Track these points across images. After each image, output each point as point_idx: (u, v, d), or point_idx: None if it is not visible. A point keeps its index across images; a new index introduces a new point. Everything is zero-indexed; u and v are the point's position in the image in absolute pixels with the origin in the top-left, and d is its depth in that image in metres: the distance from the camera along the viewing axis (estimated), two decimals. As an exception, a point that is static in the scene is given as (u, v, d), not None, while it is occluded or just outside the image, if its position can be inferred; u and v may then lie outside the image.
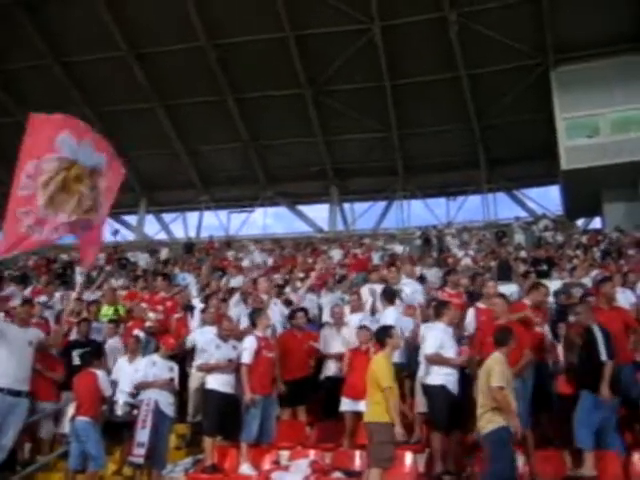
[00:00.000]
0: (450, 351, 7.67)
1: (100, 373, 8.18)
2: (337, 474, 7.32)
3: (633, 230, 21.09)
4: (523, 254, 19.46)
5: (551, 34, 23.45)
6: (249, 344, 8.02)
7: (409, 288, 10.08)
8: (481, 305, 8.77)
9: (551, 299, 9.88)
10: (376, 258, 19.17)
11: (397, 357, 8.22)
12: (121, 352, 9.74)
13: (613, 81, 23.07)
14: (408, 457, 7.51)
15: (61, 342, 9.32)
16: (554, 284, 11.84)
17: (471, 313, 8.76)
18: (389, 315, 8.77)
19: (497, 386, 6.19)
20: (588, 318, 7.40)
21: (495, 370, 6.28)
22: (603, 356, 6.96)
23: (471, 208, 30.18)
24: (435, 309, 8.14)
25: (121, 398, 8.54)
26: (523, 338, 7.25)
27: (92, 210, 6.84)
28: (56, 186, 6.53)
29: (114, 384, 8.79)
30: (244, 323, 8.84)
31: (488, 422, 6.21)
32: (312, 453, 7.91)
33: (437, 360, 7.54)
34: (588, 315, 7.46)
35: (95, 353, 8.59)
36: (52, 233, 6.51)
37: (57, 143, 6.57)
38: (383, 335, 7.02)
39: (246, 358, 7.91)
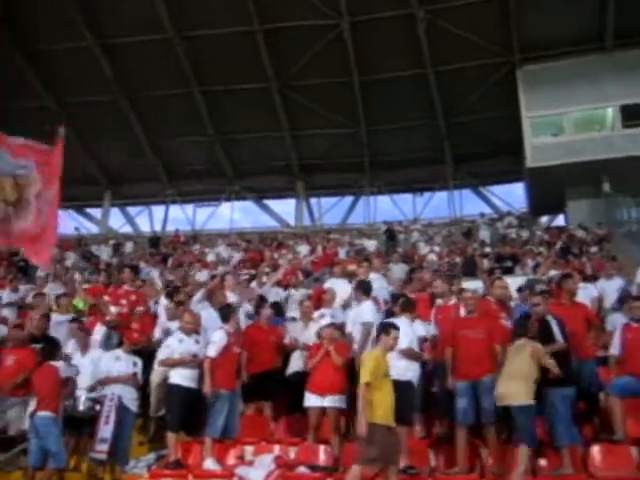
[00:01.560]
0: (416, 347, 7.67)
1: (60, 364, 7.99)
2: (302, 469, 7.30)
3: (596, 227, 21.44)
4: (488, 250, 19.67)
5: (517, 33, 23.75)
6: (218, 338, 7.85)
7: (377, 283, 10.05)
8: (440, 302, 8.69)
9: (515, 295, 9.96)
10: (342, 253, 19.18)
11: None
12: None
13: (577, 80, 23.46)
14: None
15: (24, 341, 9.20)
16: (518, 280, 11.95)
17: (432, 313, 8.67)
18: (367, 309, 8.62)
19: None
20: (544, 310, 7.51)
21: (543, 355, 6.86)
22: (558, 337, 7.13)
23: (437, 204, 30.46)
24: (402, 306, 8.08)
25: (83, 394, 8.40)
26: (494, 332, 7.36)
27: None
28: None
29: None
30: (206, 320, 8.68)
31: (527, 397, 6.69)
32: (277, 448, 7.86)
33: (411, 354, 7.50)
34: (544, 307, 7.56)
35: (54, 347, 8.40)
36: None
37: None
38: (380, 331, 6.87)
39: (212, 352, 7.75)
